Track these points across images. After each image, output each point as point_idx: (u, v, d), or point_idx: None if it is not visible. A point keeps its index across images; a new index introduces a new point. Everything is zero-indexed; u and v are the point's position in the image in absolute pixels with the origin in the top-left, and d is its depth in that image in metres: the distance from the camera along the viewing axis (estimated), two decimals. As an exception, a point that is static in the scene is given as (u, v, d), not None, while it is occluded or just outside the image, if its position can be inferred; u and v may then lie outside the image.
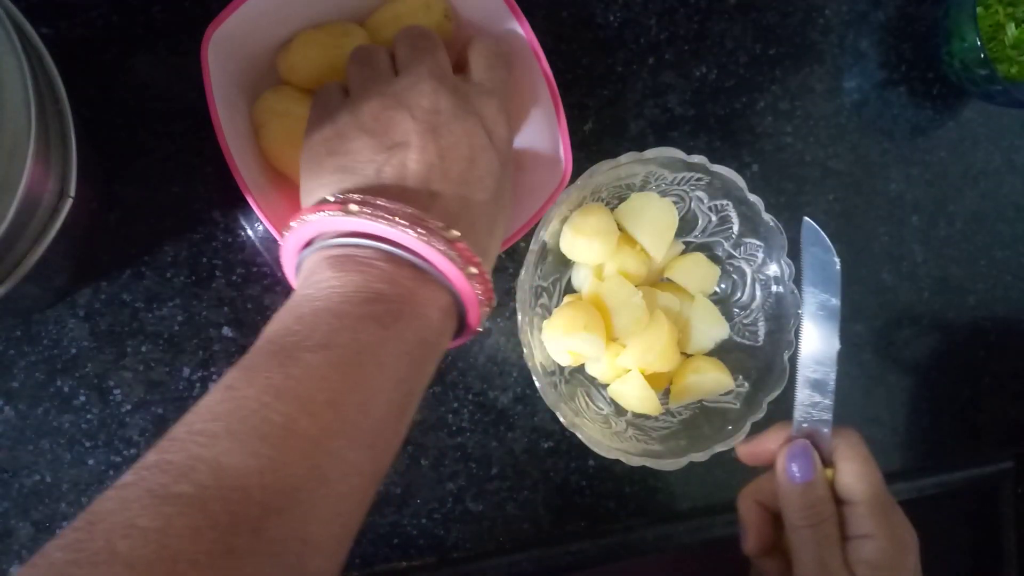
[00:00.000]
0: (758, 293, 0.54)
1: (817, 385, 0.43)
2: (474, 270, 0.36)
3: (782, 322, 0.53)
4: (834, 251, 0.44)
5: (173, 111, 0.49)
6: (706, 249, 0.55)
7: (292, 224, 0.37)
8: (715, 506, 0.58)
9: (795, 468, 0.41)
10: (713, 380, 0.52)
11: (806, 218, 0.45)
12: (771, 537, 0.43)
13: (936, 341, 0.67)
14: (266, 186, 0.48)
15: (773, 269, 0.53)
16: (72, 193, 0.36)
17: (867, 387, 0.64)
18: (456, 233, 0.35)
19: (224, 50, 0.45)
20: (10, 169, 0.31)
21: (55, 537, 0.26)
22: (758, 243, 0.53)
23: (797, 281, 0.45)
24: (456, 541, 0.54)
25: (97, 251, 0.48)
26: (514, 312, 0.55)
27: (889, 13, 0.65)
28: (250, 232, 0.51)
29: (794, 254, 0.52)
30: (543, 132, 0.50)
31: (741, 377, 0.53)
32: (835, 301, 0.43)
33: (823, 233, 0.44)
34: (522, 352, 0.49)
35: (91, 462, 0.48)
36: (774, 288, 0.53)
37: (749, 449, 0.45)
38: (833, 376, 0.43)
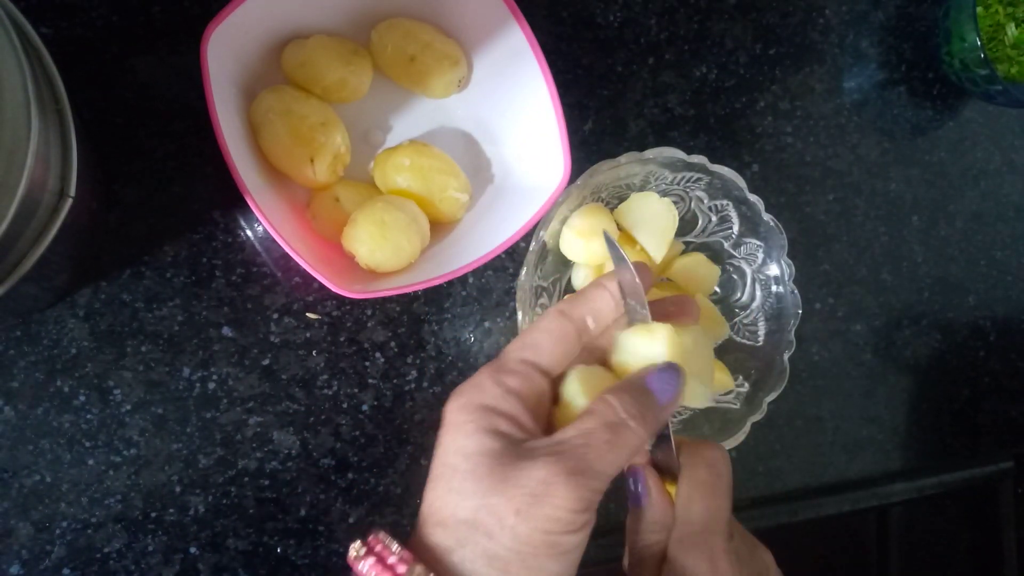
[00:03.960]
0: (758, 293, 0.54)
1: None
2: None
3: (782, 322, 0.53)
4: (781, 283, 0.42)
5: (173, 111, 0.49)
6: (706, 249, 0.55)
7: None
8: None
9: (632, 497, 0.38)
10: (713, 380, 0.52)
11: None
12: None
13: (936, 341, 0.67)
14: (265, 186, 0.48)
15: (773, 269, 0.53)
16: (72, 193, 0.36)
17: (867, 387, 0.64)
18: None
19: (223, 50, 0.45)
20: (10, 169, 0.31)
21: None
22: (758, 243, 0.53)
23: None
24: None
25: (97, 251, 0.48)
26: (514, 312, 0.55)
27: (889, 13, 0.65)
28: (250, 232, 0.51)
29: (793, 254, 0.52)
30: (543, 132, 0.50)
31: (741, 377, 0.53)
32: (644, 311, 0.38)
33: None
34: (522, 352, 0.49)
35: (91, 462, 0.48)
36: (774, 288, 0.53)
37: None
38: None
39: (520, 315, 0.49)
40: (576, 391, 0.35)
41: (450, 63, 0.51)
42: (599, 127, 0.58)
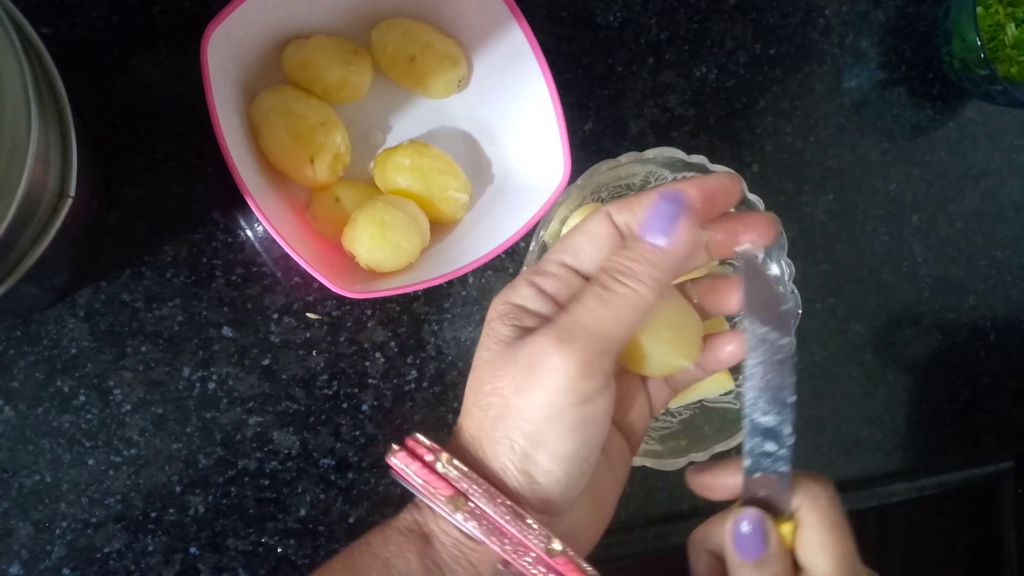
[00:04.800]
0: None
1: (769, 433, 0.34)
2: None
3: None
4: (781, 283, 0.37)
5: (173, 111, 0.49)
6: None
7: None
8: (715, 507, 0.58)
9: (744, 546, 0.33)
10: (713, 380, 0.52)
11: (738, 249, 0.36)
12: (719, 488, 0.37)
13: (936, 341, 0.67)
14: (265, 186, 0.48)
15: (773, 269, 0.53)
16: (72, 193, 0.36)
17: (867, 387, 0.64)
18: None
19: (223, 49, 0.45)
20: (10, 169, 0.31)
21: None
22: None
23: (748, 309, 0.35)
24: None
25: (97, 251, 0.48)
26: (514, 312, 0.55)
27: (889, 13, 0.65)
28: (250, 232, 0.51)
29: (793, 254, 0.52)
30: (543, 132, 0.50)
31: (741, 377, 0.53)
32: (786, 340, 0.34)
33: (762, 266, 0.37)
34: (522, 352, 0.49)
35: (91, 462, 0.48)
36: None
37: (702, 481, 0.37)
38: (790, 423, 0.34)
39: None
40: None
41: (450, 63, 0.51)
42: (599, 127, 0.58)
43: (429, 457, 0.32)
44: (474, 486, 0.31)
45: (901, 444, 0.66)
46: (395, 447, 0.34)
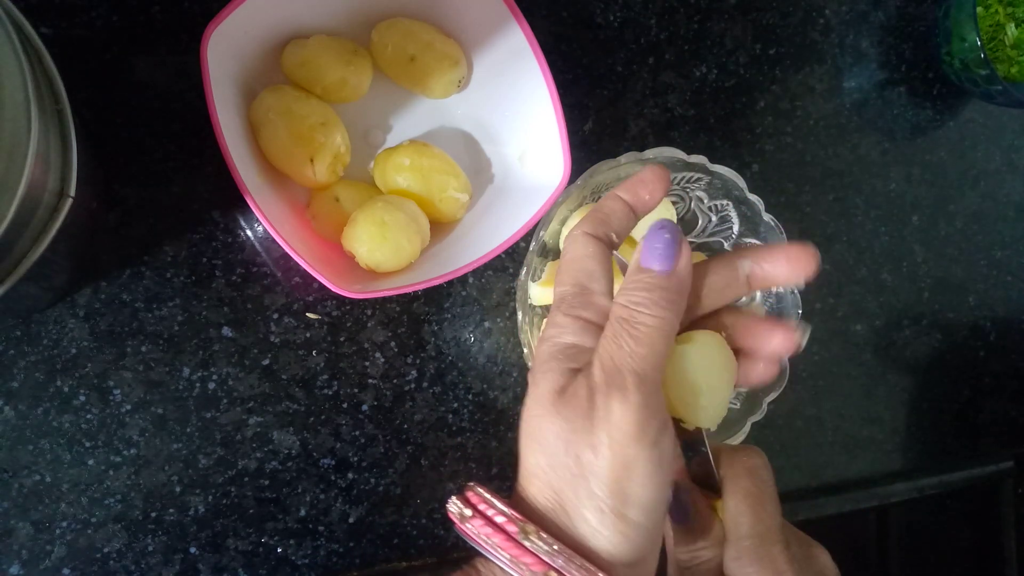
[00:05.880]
0: (758, 293, 0.54)
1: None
2: None
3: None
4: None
5: (173, 111, 0.49)
6: (706, 249, 0.55)
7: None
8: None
9: (674, 512, 0.35)
10: None
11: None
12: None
13: (936, 341, 0.67)
14: (265, 186, 0.48)
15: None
16: (72, 193, 0.36)
17: (867, 387, 0.64)
18: None
19: (223, 49, 0.45)
20: (10, 169, 0.31)
21: None
22: (758, 243, 0.53)
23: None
24: (456, 541, 0.54)
25: (97, 251, 0.48)
26: (514, 312, 0.55)
27: (889, 13, 0.65)
28: (250, 232, 0.51)
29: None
30: (543, 132, 0.50)
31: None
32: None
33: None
34: (522, 352, 0.49)
35: (91, 462, 0.48)
36: (774, 288, 0.53)
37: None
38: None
39: (520, 315, 0.49)
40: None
41: (450, 63, 0.51)
42: (599, 127, 0.58)
43: (511, 527, 0.31)
44: (569, 562, 0.30)
45: (901, 444, 0.66)
46: (464, 508, 0.32)
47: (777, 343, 0.37)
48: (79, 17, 0.48)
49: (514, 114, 0.52)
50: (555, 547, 0.30)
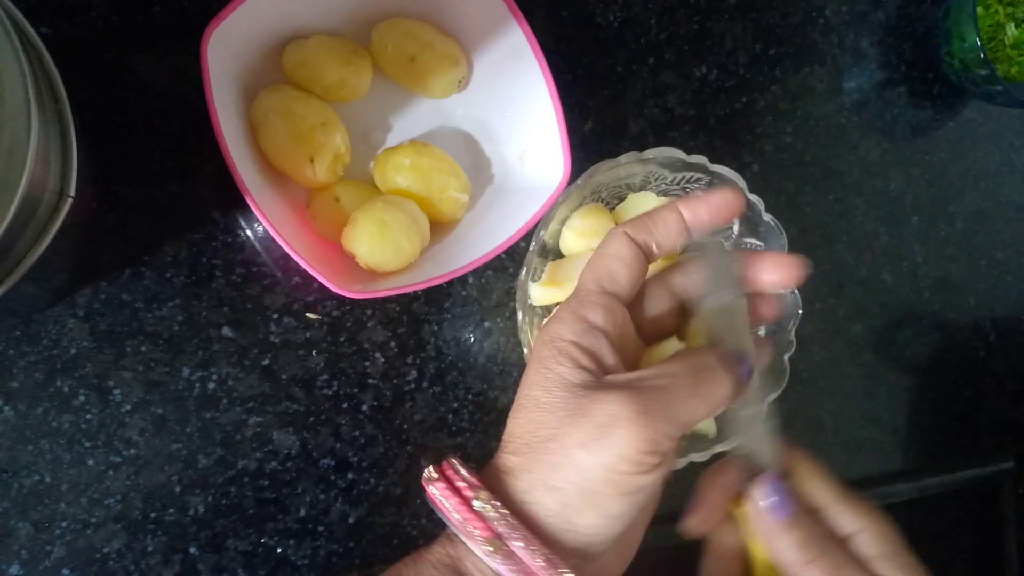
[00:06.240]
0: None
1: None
2: None
3: (782, 322, 0.53)
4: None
5: (172, 111, 0.49)
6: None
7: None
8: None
9: (772, 510, 0.36)
10: None
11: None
12: (718, 521, 0.39)
13: (936, 341, 0.67)
14: (265, 186, 0.48)
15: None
16: (72, 193, 0.36)
17: (867, 387, 0.64)
18: None
19: (223, 49, 0.45)
20: (10, 169, 0.31)
21: None
22: (758, 243, 0.53)
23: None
24: (456, 541, 0.54)
25: (97, 251, 0.48)
26: (514, 312, 0.55)
27: (889, 13, 0.65)
28: (250, 232, 0.51)
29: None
30: (543, 132, 0.50)
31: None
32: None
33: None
34: (522, 352, 0.49)
35: (91, 462, 0.48)
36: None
37: (703, 516, 0.38)
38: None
39: (520, 315, 0.49)
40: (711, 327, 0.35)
41: (450, 63, 0.51)
42: (599, 127, 0.58)
43: (467, 492, 0.32)
44: (513, 531, 0.31)
45: (901, 444, 0.66)
46: (433, 472, 0.33)
47: (776, 276, 0.38)
48: (79, 17, 0.48)
49: (514, 114, 0.52)
50: (502, 514, 0.31)
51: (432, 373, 0.54)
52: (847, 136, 0.64)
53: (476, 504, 0.31)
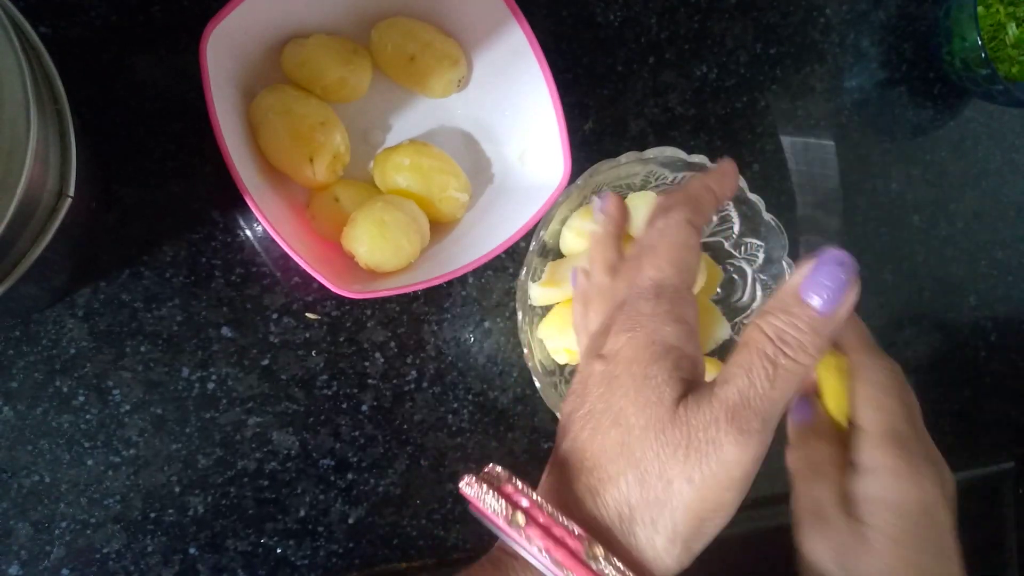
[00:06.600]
0: (759, 293, 0.54)
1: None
2: None
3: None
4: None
5: (172, 110, 0.49)
6: (706, 249, 0.55)
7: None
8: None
9: (794, 412, 0.36)
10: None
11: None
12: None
13: (936, 341, 0.67)
14: (264, 186, 0.48)
15: (774, 269, 0.53)
16: (71, 193, 0.36)
17: (867, 387, 0.64)
18: None
19: (223, 49, 0.45)
20: (9, 169, 0.31)
21: None
22: (759, 243, 0.53)
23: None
24: (456, 541, 0.54)
25: (96, 251, 0.48)
26: (514, 312, 0.55)
27: (890, 12, 0.65)
28: (249, 232, 0.51)
29: (794, 254, 0.52)
30: (543, 132, 0.50)
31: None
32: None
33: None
34: (522, 352, 0.49)
35: (90, 462, 0.48)
36: (775, 288, 0.53)
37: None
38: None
39: (520, 315, 0.49)
40: None
41: (450, 63, 0.51)
42: (599, 127, 0.58)
43: (574, 544, 0.28)
44: None
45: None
46: (508, 507, 0.29)
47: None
48: (78, 17, 0.48)
49: (514, 114, 0.52)
50: (624, 573, 0.28)
51: (432, 373, 0.54)
52: (847, 136, 0.64)
53: (593, 564, 0.27)
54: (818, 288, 0.29)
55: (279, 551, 0.50)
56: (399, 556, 0.53)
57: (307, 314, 0.51)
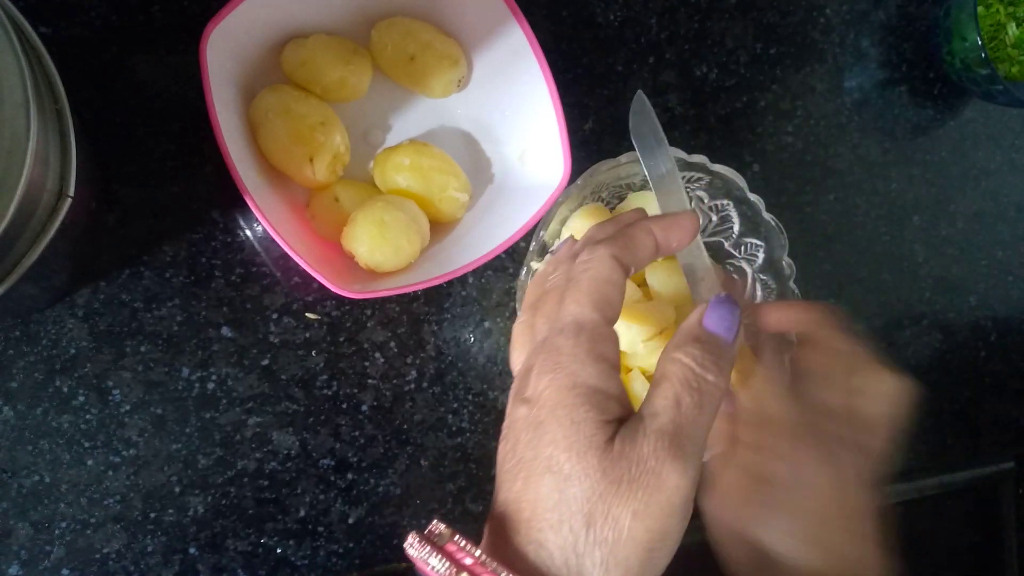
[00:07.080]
0: (759, 293, 0.54)
1: (690, 269, 0.43)
2: None
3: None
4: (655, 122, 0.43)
5: (172, 110, 0.49)
6: (707, 249, 0.55)
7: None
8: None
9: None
10: None
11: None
12: None
13: (936, 341, 0.67)
14: (264, 186, 0.48)
15: (774, 269, 0.53)
16: (71, 193, 0.36)
17: (867, 387, 0.64)
18: None
19: (222, 49, 0.45)
20: (9, 169, 0.31)
21: None
22: (759, 243, 0.53)
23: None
24: (456, 541, 0.54)
25: (96, 251, 0.48)
26: (514, 312, 0.55)
27: (890, 12, 0.65)
28: (249, 232, 0.51)
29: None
30: (543, 132, 0.50)
31: None
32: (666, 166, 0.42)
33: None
34: (522, 352, 0.49)
35: (90, 462, 0.48)
36: (775, 288, 0.53)
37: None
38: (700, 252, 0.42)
39: (520, 315, 0.49)
40: None
41: (450, 63, 0.51)
42: (599, 127, 0.58)
43: None
44: None
45: (901, 444, 0.66)
46: (463, 574, 0.29)
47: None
48: (78, 17, 0.48)
49: (514, 114, 0.52)
50: None
51: (432, 373, 0.54)
52: (848, 136, 0.64)
53: None
54: (720, 320, 0.33)
55: (279, 551, 0.50)
56: (399, 556, 0.53)
57: (307, 314, 0.51)
